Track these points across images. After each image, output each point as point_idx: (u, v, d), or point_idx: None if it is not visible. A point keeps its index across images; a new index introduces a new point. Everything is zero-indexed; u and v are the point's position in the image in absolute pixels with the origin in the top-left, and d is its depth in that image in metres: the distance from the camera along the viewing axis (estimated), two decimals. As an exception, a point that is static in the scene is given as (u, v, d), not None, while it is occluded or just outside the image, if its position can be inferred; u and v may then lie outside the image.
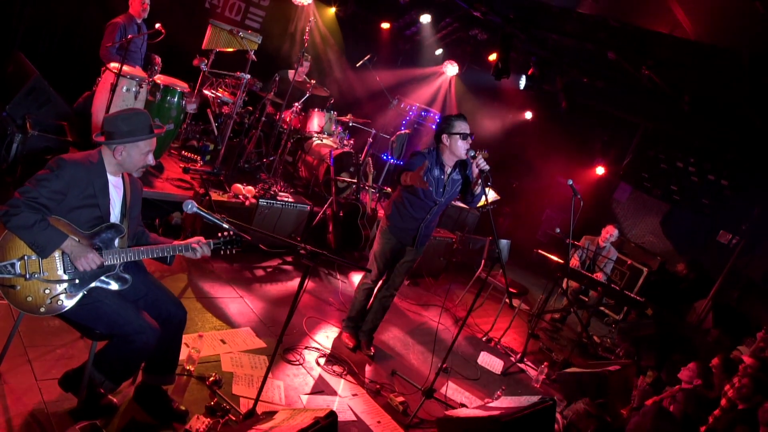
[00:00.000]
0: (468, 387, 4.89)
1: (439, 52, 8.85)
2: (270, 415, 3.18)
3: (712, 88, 6.18)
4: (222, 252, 3.07)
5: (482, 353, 5.65)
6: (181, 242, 2.97)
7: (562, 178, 10.61)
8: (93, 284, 2.78)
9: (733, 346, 7.54)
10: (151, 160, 2.94)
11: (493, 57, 8.12)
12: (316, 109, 6.96)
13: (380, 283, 4.65)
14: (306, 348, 4.44)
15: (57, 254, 2.70)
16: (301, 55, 6.46)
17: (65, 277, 2.72)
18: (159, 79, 5.55)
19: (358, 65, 7.42)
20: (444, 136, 4.19)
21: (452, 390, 4.71)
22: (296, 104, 6.65)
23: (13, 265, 2.63)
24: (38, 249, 2.63)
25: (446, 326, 6.01)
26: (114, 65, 5.22)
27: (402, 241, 4.47)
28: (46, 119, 4.96)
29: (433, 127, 8.73)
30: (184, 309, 3.11)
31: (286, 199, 5.86)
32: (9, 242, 2.65)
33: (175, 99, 5.60)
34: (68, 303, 2.72)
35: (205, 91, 6.10)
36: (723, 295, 8.06)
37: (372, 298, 4.71)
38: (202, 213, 2.76)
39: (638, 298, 6.56)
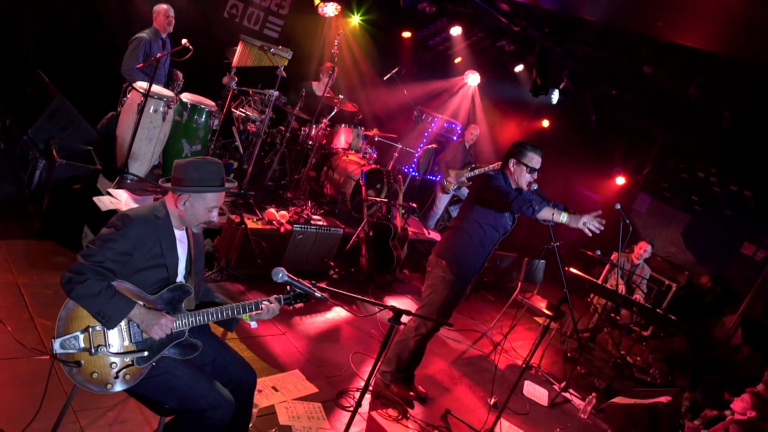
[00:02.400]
0: (520, 423, 4.67)
1: (458, 60, 8.58)
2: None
3: (753, 105, 6.01)
4: (291, 308, 2.82)
5: (526, 383, 5.44)
6: (250, 301, 2.71)
7: (581, 187, 10.51)
8: (161, 354, 2.51)
9: (764, 364, 7.44)
10: (214, 216, 2.66)
11: (519, 68, 7.91)
12: (343, 125, 6.67)
13: None
14: (357, 390, 4.20)
15: (123, 323, 2.43)
16: (330, 69, 6.18)
17: (133, 348, 2.45)
18: (186, 97, 5.24)
19: (385, 78, 7.14)
20: (512, 161, 3.96)
21: (506, 428, 4.50)
22: (324, 120, 6.36)
23: (76, 338, 2.36)
24: (104, 319, 2.35)
25: (485, 353, 5.79)
26: (140, 84, 4.90)
27: (466, 282, 4.19)
28: (70, 143, 4.64)
29: (455, 138, 8.50)
30: (254, 372, 2.84)
31: (319, 223, 5.59)
32: (72, 312, 2.37)
33: (203, 118, 5.30)
34: (136, 377, 2.45)
35: (233, 110, 5.79)
36: (749, 310, 7.95)
37: None
38: (294, 282, 2.49)
39: (682, 322, 6.38)
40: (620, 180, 9.41)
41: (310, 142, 6.48)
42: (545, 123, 9.90)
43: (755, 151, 7.89)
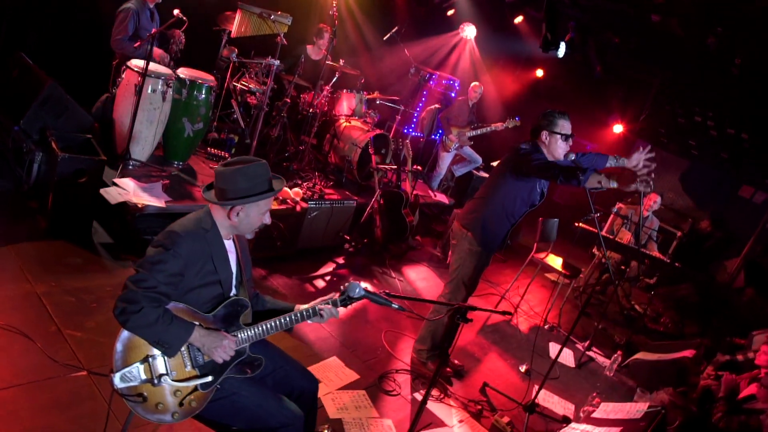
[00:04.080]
0: (554, 389, 4.69)
1: (451, 12, 8.20)
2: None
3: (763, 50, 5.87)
4: (347, 307, 2.66)
5: (550, 344, 5.47)
6: (307, 307, 2.54)
7: (578, 137, 10.35)
8: (225, 375, 2.35)
9: (764, 304, 7.63)
10: (267, 219, 2.46)
11: (519, 19, 7.60)
12: (345, 91, 6.35)
13: None
14: (397, 371, 4.13)
15: (183, 348, 2.25)
16: (324, 30, 5.82)
17: (195, 373, 2.28)
18: (183, 73, 4.88)
19: (385, 38, 6.77)
20: (544, 133, 3.78)
21: (541, 395, 4.50)
22: (326, 87, 6.04)
23: (136, 369, 2.18)
24: (164, 347, 2.17)
25: (507, 318, 5.77)
26: (135, 63, 4.53)
27: (491, 252, 4.09)
28: (66, 131, 4.29)
29: (453, 95, 8.23)
30: (315, 380, 2.71)
31: (333, 197, 5.39)
32: (128, 343, 2.18)
33: (203, 95, 4.95)
34: (202, 402, 2.29)
35: (234, 83, 5.43)
36: (751, 252, 8.07)
37: None
38: (372, 296, 2.32)
39: (691, 270, 6.44)
40: (618, 128, 9.31)
41: (311, 110, 6.17)
42: (539, 73, 9.66)
43: (753, 95, 7.82)
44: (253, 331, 2.40)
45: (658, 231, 7.97)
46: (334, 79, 6.15)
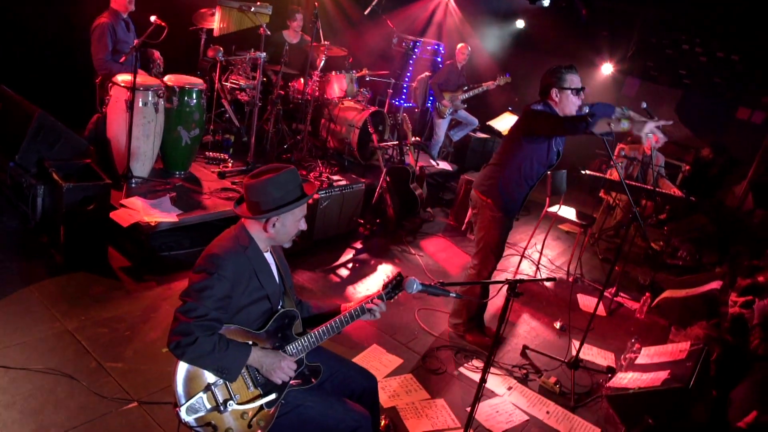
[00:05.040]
0: (590, 340, 4.66)
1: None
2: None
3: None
4: (393, 299, 2.60)
5: (579, 296, 5.47)
6: (356, 305, 2.49)
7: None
8: (287, 390, 2.31)
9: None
10: (303, 224, 2.39)
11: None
12: (334, 73, 6.19)
13: None
14: (438, 349, 4.11)
15: (243, 370, 2.20)
16: (301, 12, 5.64)
17: (259, 392, 2.24)
18: (171, 81, 4.73)
19: (366, 12, 6.58)
20: (554, 91, 3.70)
21: (584, 351, 4.49)
22: (315, 72, 5.88)
23: (200, 400, 2.12)
24: (225, 373, 2.12)
25: (532, 276, 5.76)
26: (122, 78, 4.37)
27: (512, 216, 4.05)
28: (63, 159, 4.16)
29: (439, 60, 8.06)
30: (373, 378, 2.68)
31: (342, 183, 5.30)
32: (187, 375, 2.12)
33: (195, 100, 4.82)
34: (269, 421, 2.25)
35: (223, 83, 5.28)
36: (756, 174, 8.06)
37: None
38: (428, 290, 2.27)
39: (702, 200, 6.42)
40: (607, 68, 9.20)
41: (302, 98, 6.03)
42: (520, 24, 9.47)
43: (738, 13, 7.71)
44: (307, 341, 2.36)
45: (665, 167, 7.95)
46: (322, 63, 5.99)
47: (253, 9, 4.80)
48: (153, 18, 4.43)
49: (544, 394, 3.87)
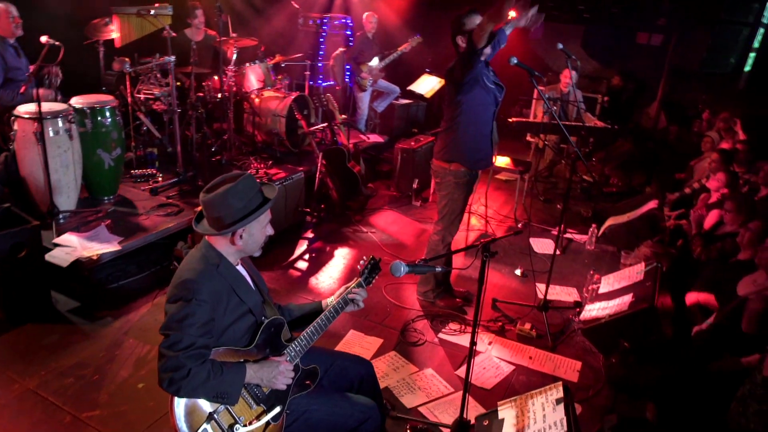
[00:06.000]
0: (554, 282, 4.85)
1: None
2: (487, 417, 2.93)
3: None
4: (371, 284, 2.58)
5: (531, 241, 5.63)
6: (337, 298, 2.45)
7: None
8: (290, 399, 2.25)
9: (690, 136, 8.18)
10: (270, 229, 2.31)
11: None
12: (248, 65, 5.95)
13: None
14: (413, 321, 4.14)
15: (243, 390, 2.12)
16: (200, 7, 5.36)
17: (263, 409, 2.17)
18: (79, 103, 4.39)
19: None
20: (459, 38, 3.76)
21: (552, 292, 4.63)
22: (229, 68, 5.63)
23: (206, 431, 2.03)
24: (225, 398, 2.04)
25: (483, 230, 5.87)
26: (25, 110, 4.02)
27: (477, 170, 4.08)
28: (-22, 209, 3.81)
29: (348, 33, 7.93)
30: (368, 362, 2.67)
31: (280, 176, 5.16)
32: (185, 410, 2.02)
33: (109, 119, 4.51)
34: (279, 432, 2.20)
35: (136, 95, 4.95)
36: (664, 93, 8.52)
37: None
38: (414, 270, 2.24)
39: (622, 127, 6.72)
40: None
41: (218, 96, 5.79)
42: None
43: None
44: (298, 345, 2.31)
45: (585, 101, 8.24)
46: (234, 56, 5.74)
47: (152, 12, 4.50)
48: (44, 39, 4.09)
49: (523, 342, 4.00)
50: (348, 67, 7.44)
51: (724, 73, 8.65)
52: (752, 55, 8.88)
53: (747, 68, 8.93)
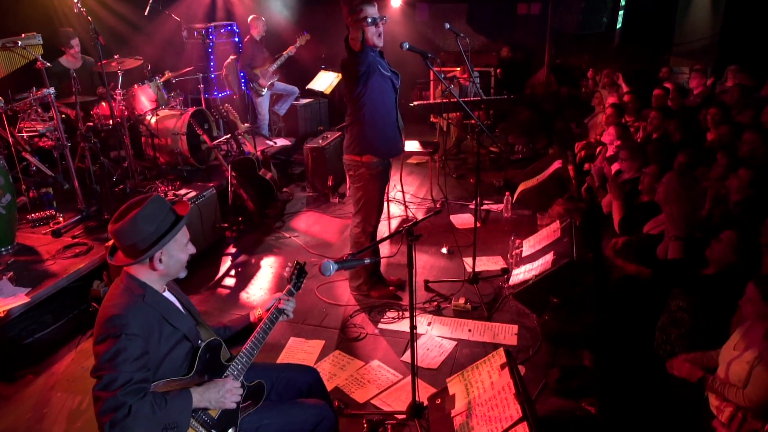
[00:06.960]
0: (477, 253, 5.01)
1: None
2: (439, 396, 3.00)
3: None
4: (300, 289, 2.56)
5: (451, 217, 5.78)
6: (266, 312, 2.43)
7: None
8: (240, 418, 2.20)
9: (577, 94, 8.69)
10: (191, 248, 2.24)
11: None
12: (136, 85, 5.66)
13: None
14: (351, 316, 4.15)
15: (191, 419, 2.05)
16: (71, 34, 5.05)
17: (214, 432, 2.11)
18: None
19: (146, 13, 6.01)
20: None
21: (480, 263, 4.76)
22: (117, 92, 5.35)
23: (161, 469, 1.95)
24: (174, 430, 1.96)
25: (404, 215, 5.97)
26: None
27: (396, 155, 4.11)
28: None
29: (237, 40, 7.75)
30: (313, 369, 2.68)
31: (190, 195, 4.99)
32: (137, 448, 1.92)
33: (-9, 164, 4.16)
34: (235, 455, 2.15)
35: (16, 135, 4.59)
36: (550, 58, 8.99)
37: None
38: (345, 266, 2.23)
39: (518, 96, 7.02)
40: (396, 3, 9.47)
41: (110, 123, 5.49)
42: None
43: None
44: (239, 362, 2.26)
45: (480, 76, 8.54)
46: (120, 79, 5.46)
47: (20, 43, 4.18)
48: None
49: (459, 316, 4.11)
50: (242, 74, 7.28)
51: (599, 33, 9.24)
52: (621, 12, 9.54)
53: (618, 26, 9.59)
